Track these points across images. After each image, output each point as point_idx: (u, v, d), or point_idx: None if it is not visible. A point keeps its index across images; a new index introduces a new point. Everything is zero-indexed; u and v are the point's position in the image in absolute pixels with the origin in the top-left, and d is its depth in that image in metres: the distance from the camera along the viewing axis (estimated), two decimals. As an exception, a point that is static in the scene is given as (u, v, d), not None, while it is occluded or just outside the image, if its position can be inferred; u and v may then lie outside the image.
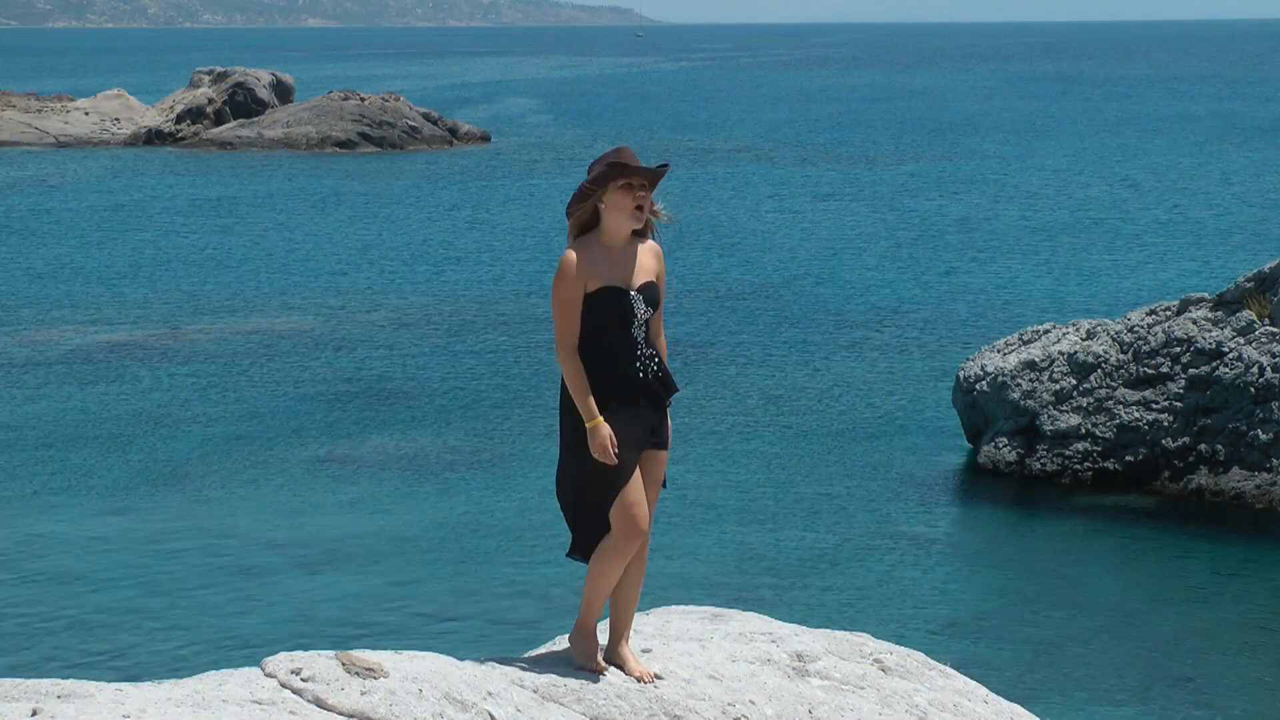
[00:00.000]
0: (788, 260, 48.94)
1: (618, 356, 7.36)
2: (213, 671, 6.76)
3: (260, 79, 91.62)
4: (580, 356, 7.36)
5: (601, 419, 7.27)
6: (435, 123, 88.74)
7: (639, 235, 7.51)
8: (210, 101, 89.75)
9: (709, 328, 38.36)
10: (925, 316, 40.15)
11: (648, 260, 7.48)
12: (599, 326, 7.35)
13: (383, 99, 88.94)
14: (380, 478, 26.89)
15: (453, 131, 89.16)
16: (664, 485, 7.65)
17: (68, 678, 6.59)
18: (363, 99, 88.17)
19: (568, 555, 7.63)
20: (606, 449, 7.26)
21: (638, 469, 7.37)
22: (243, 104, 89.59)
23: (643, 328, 7.39)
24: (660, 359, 7.48)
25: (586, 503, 7.44)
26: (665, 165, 7.48)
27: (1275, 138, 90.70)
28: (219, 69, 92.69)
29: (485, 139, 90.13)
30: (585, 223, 7.46)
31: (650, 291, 7.40)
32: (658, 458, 7.48)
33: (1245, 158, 79.01)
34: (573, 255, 7.37)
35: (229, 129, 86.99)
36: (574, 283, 7.34)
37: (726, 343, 36.95)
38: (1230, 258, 47.56)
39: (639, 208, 7.35)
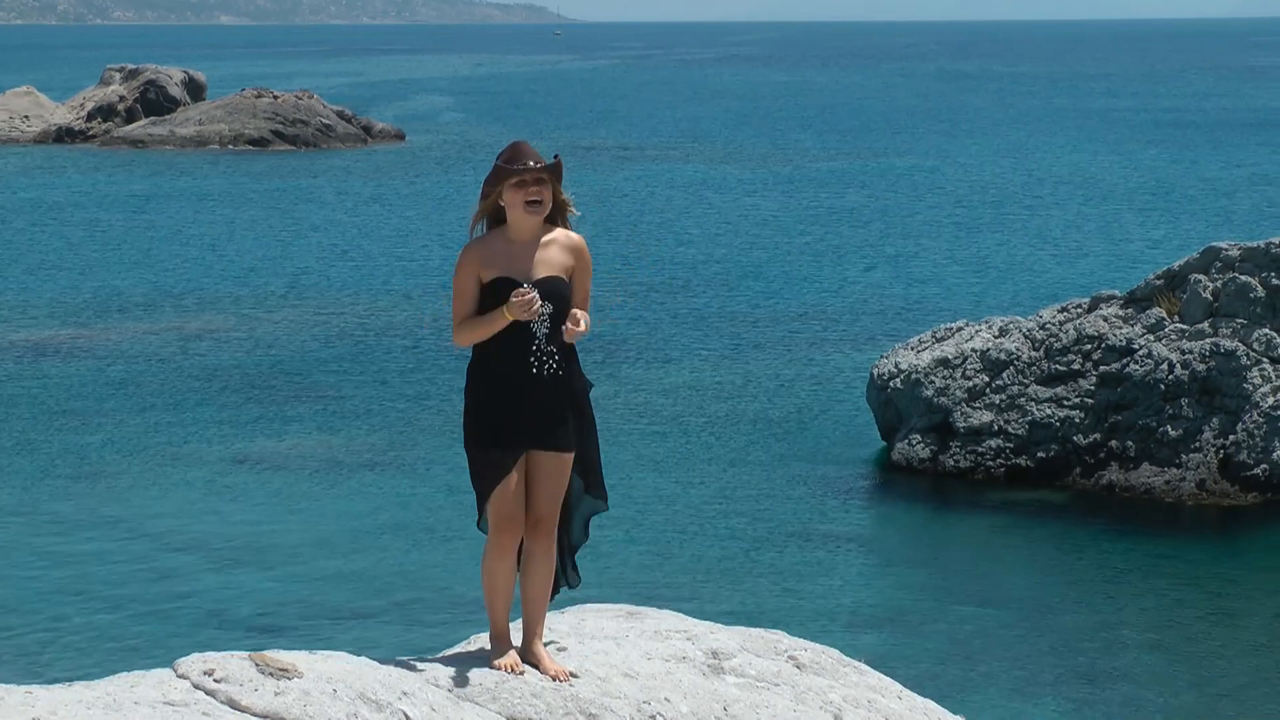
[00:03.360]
0: (705, 257, 49.03)
1: (512, 351, 7.39)
2: (124, 673, 6.71)
3: (172, 76, 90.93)
4: (482, 349, 7.43)
5: (504, 308, 7.27)
6: (349, 120, 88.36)
7: (553, 226, 7.53)
8: (121, 99, 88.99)
9: (624, 324, 38.37)
10: (841, 313, 40.32)
11: (557, 255, 7.47)
12: None
13: (296, 97, 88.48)
14: (294, 477, 26.77)
15: (367, 129, 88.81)
16: (597, 496, 7.72)
17: (-23, 680, 6.53)
18: (276, 97, 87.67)
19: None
20: (528, 305, 7.24)
21: (519, 467, 7.39)
22: (155, 101, 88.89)
23: (545, 323, 7.39)
24: (560, 357, 7.45)
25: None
26: (556, 159, 7.51)
27: (1188, 134, 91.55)
28: (130, 66, 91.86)
29: (400, 137, 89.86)
30: (495, 217, 7.52)
31: (553, 287, 7.39)
32: (552, 459, 7.47)
33: (1157, 155, 79.72)
34: (466, 247, 7.49)
35: (141, 127, 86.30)
36: (465, 271, 7.45)
37: (641, 339, 36.98)
38: (1140, 255, 48.00)
39: (530, 202, 7.38)
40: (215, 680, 6.60)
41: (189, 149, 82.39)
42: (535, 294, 7.30)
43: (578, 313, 7.38)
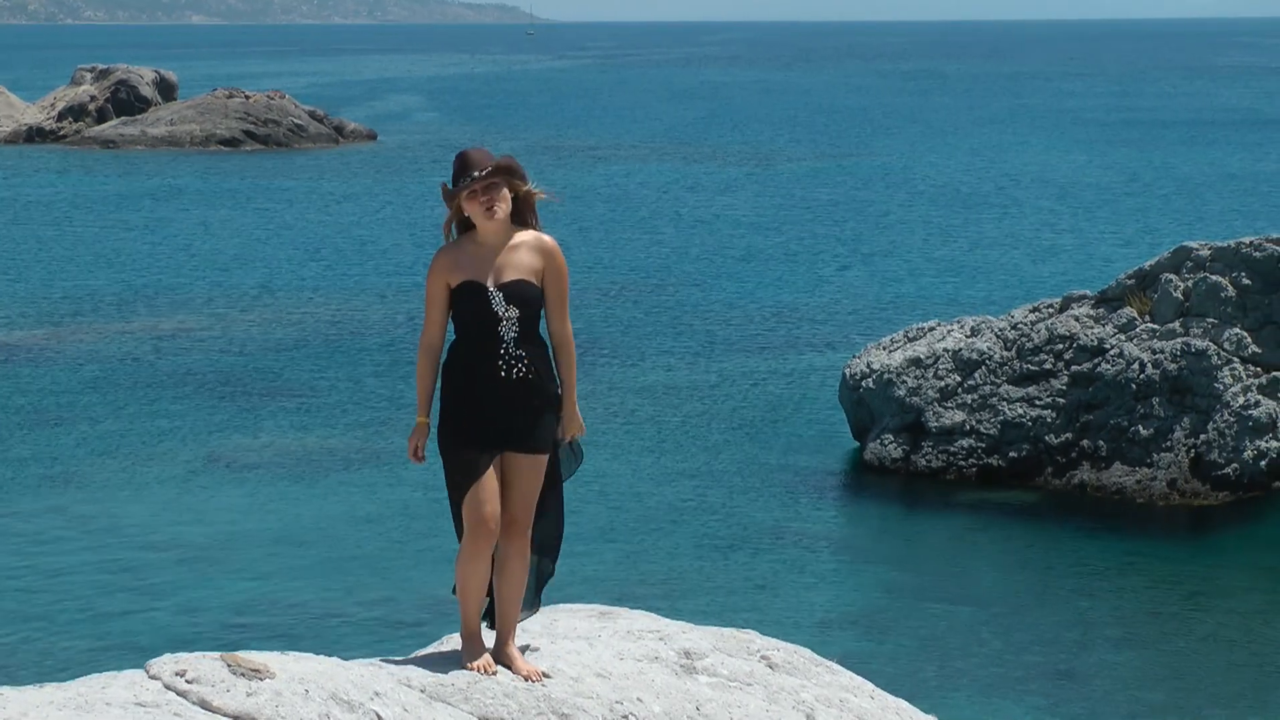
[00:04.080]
0: (678, 256, 49.04)
1: (480, 355, 7.42)
2: (96, 674, 6.70)
3: (144, 76, 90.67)
4: (452, 353, 7.46)
5: (426, 421, 7.52)
6: (321, 120, 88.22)
7: (524, 229, 7.55)
8: (93, 99, 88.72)
9: (598, 323, 38.37)
10: (815, 313, 40.36)
11: (526, 258, 7.49)
12: (465, 323, 7.45)
13: (268, 97, 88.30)
14: (268, 476, 26.71)
15: (339, 129, 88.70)
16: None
17: (-52, 682, 6.51)
18: (247, 97, 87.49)
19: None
20: (416, 450, 7.54)
21: (491, 470, 7.41)
22: (126, 101, 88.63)
23: (513, 327, 7.40)
24: (531, 361, 7.45)
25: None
26: (502, 159, 7.53)
27: (1160, 133, 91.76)
28: (101, 66, 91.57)
29: (372, 137, 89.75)
30: (464, 223, 7.57)
31: (519, 290, 7.41)
32: (524, 461, 7.48)
33: (1129, 154, 79.88)
34: (437, 254, 7.55)
35: (112, 127, 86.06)
36: (434, 278, 7.52)
37: (616, 338, 36.98)
38: (1112, 255, 48.12)
39: (488, 207, 7.43)
40: (187, 681, 6.59)
41: (160, 149, 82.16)
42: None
43: (566, 428, 7.58)
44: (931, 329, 28.27)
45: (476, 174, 7.42)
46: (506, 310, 7.41)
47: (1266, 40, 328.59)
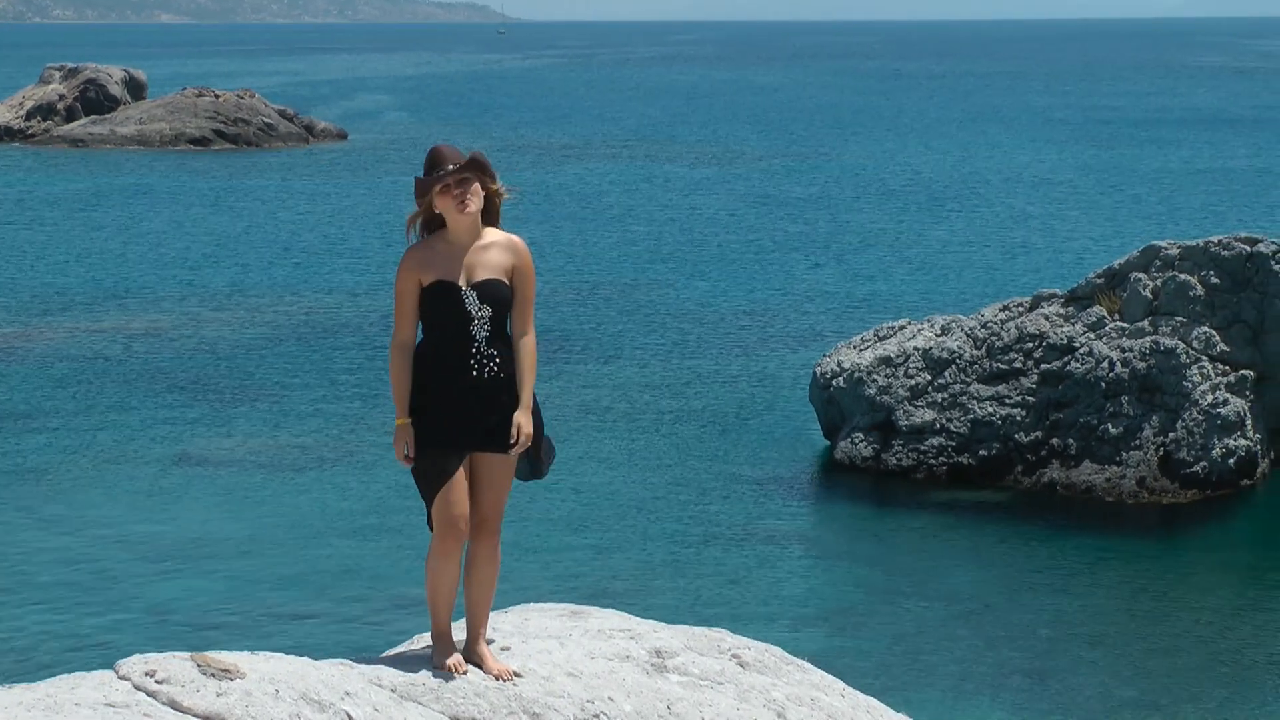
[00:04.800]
0: (650, 255, 49.05)
1: (451, 354, 7.40)
2: (65, 674, 6.69)
3: (113, 75, 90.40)
4: (422, 352, 7.43)
5: (408, 422, 7.41)
6: (291, 120, 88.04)
7: (493, 229, 7.55)
8: (61, 98, 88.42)
9: (571, 321, 38.36)
10: (787, 311, 40.38)
11: (497, 257, 7.48)
12: (435, 322, 7.43)
13: (238, 95, 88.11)
14: (239, 476, 26.65)
15: (309, 129, 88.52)
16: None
17: (-84, 683, 6.50)
18: (217, 96, 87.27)
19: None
20: (400, 452, 7.42)
21: (462, 470, 7.39)
22: (95, 100, 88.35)
23: (485, 326, 7.39)
24: (502, 360, 7.44)
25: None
26: (472, 154, 7.54)
27: (1129, 132, 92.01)
28: (70, 65, 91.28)
29: (342, 136, 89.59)
30: (436, 222, 7.55)
31: (492, 289, 7.40)
32: (496, 460, 7.47)
33: (1098, 153, 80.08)
34: (407, 252, 7.52)
35: (81, 126, 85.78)
36: (405, 277, 7.48)
37: (588, 336, 36.97)
38: (1082, 254, 48.25)
39: (461, 201, 7.42)
40: (157, 681, 6.57)
41: (129, 148, 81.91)
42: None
43: (519, 423, 7.43)
44: (902, 328, 28.32)
45: (450, 168, 7.41)
46: (480, 309, 7.40)
47: (1235, 40, 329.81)
